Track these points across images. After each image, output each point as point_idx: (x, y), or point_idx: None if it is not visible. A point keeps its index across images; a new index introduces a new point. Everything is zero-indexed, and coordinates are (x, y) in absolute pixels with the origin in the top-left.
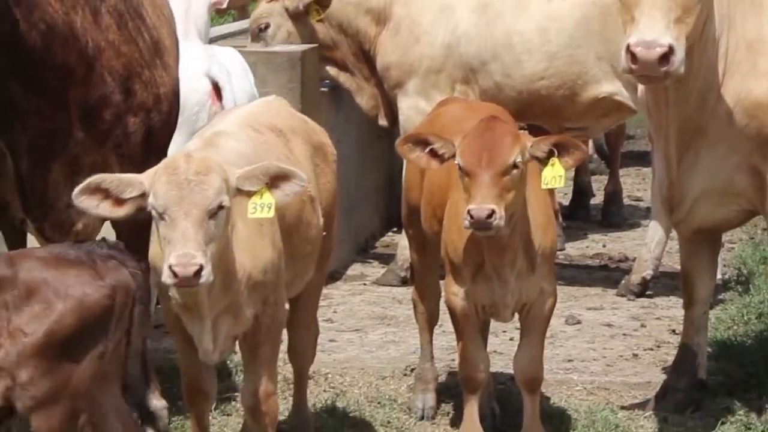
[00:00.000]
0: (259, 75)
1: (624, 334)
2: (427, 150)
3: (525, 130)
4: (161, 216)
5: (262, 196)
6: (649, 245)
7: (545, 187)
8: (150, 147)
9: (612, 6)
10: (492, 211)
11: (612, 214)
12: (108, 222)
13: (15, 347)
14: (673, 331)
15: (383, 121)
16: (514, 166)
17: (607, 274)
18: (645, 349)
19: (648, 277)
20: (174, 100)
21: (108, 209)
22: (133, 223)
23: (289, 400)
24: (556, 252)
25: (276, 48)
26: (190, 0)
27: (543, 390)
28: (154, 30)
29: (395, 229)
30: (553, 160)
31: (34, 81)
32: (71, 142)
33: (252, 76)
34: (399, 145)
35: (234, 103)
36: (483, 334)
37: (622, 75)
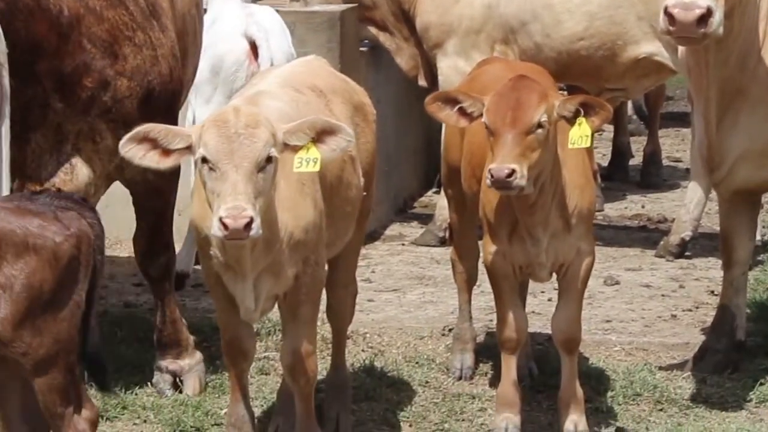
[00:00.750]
0: (298, 35)
1: (662, 295)
2: (457, 108)
3: (564, 91)
4: (210, 169)
5: (308, 150)
6: (688, 206)
7: (572, 147)
8: (150, 110)
9: None
10: (512, 171)
11: (651, 175)
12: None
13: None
14: (712, 292)
15: (422, 82)
16: (539, 125)
17: (646, 235)
18: (683, 310)
19: (687, 238)
20: (174, 61)
21: (155, 159)
22: None
23: (328, 359)
24: (594, 212)
25: (315, 8)
26: None
27: (581, 351)
28: None
29: (435, 189)
30: (580, 119)
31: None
32: (50, 112)
33: (290, 35)
34: (428, 104)
35: (271, 63)
36: (521, 294)
37: (662, 35)
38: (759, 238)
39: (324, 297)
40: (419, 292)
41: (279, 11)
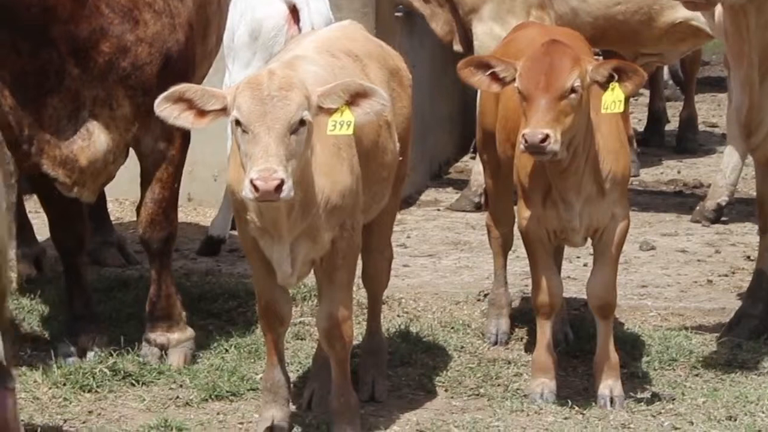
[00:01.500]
0: (334, 0)
1: (698, 260)
2: (489, 73)
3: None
4: (244, 131)
5: (342, 113)
6: (725, 171)
7: (605, 112)
8: (167, 77)
9: None
10: (546, 136)
11: (687, 140)
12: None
13: None
14: (748, 258)
15: (458, 47)
16: (572, 90)
17: (682, 200)
18: (719, 275)
19: (723, 203)
20: (190, 31)
21: (190, 120)
22: None
23: (363, 324)
24: (629, 178)
25: None
26: None
27: (617, 316)
28: None
29: (471, 155)
30: (613, 84)
31: (5, 18)
32: (67, 78)
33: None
34: (461, 69)
35: (311, 27)
36: (556, 259)
37: None
38: None
39: (360, 262)
40: (454, 257)
41: None
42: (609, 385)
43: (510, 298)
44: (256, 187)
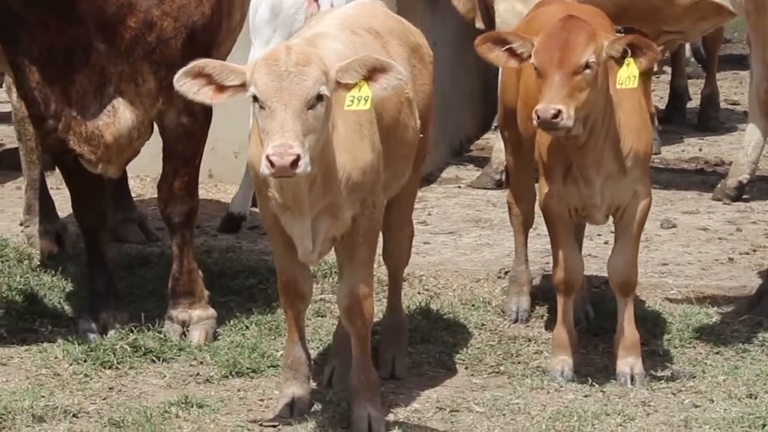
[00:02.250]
0: None
1: (719, 238)
2: (506, 49)
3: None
4: (261, 107)
5: (360, 89)
6: (746, 149)
7: (620, 88)
8: (192, 52)
9: None
10: (558, 111)
11: (708, 117)
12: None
13: None
14: None
15: (480, 24)
16: (586, 66)
17: (703, 177)
18: (740, 253)
19: (744, 181)
20: (217, 5)
21: (209, 95)
22: None
23: (384, 302)
24: (650, 155)
25: None
26: None
27: (638, 294)
28: None
29: (493, 129)
30: (628, 60)
31: None
32: (93, 54)
33: None
34: (478, 45)
35: (330, 5)
36: (578, 237)
37: None
38: None
39: (380, 239)
40: (475, 234)
41: None
42: (629, 363)
43: (531, 275)
44: (272, 163)
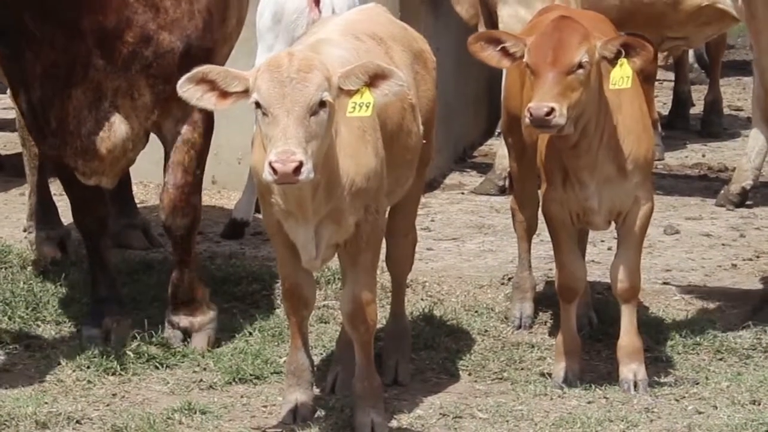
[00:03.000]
0: None
1: (723, 244)
2: (499, 48)
3: None
4: (264, 114)
5: (362, 95)
6: (749, 155)
7: (613, 88)
8: (187, 65)
9: None
10: (551, 109)
11: (712, 123)
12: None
13: None
14: None
15: (483, 30)
16: (579, 65)
17: (707, 183)
18: (744, 260)
19: (747, 187)
20: (208, 16)
21: (212, 101)
22: None
23: (387, 308)
24: (651, 161)
25: None
26: None
27: (641, 300)
28: None
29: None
30: (621, 60)
31: (47, 11)
32: (91, 69)
33: None
34: (471, 44)
35: (332, 11)
36: (581, 243)
37: None
38: None
39: (384, 245)
40: (479, 240)
41: None
42: (633, 369)
43: (534, 281)
44: (274, 170)
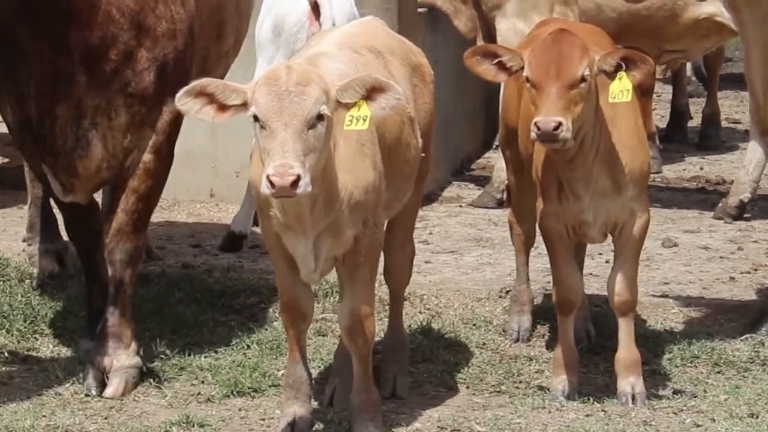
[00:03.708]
0: None
1: (721, 257)
2: (496, 62)
3: None
4: (262, 127)
5: (359, 108)
6: (747, 168)
7: (612, 102)
8: (164, 83)
9: None
10: (559, 123)
11: (710, 136)
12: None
13: None
14: None
15: (481, 43)
16: (582, 79)
17: (704, 196)
18: (742, 272)
19: (745, 200)
20: (189, 37)
21: (211, 114)
22: None
23: (385, 321)
24: (647, 174)
25: None
26: None
27: (639, 313)
28: None
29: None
30: (621, 74)
31: (41, 26)
32: (75, 86)
33: None
34: (467, 57)
35: (332, 24)
36: (578, 256)
37: None
38: None
39: (382, 258)
40: (477, 253)
41: None
42: (630, 382)
43: (532, 295)
44: (272, 183)
